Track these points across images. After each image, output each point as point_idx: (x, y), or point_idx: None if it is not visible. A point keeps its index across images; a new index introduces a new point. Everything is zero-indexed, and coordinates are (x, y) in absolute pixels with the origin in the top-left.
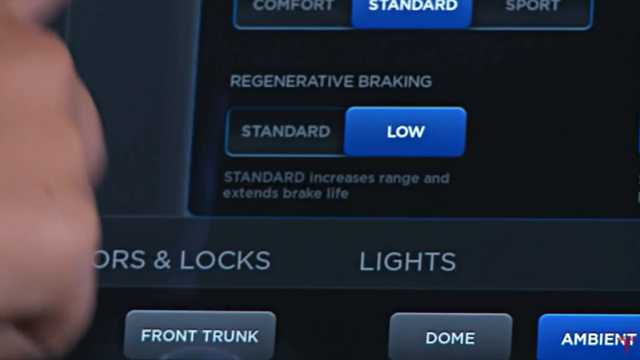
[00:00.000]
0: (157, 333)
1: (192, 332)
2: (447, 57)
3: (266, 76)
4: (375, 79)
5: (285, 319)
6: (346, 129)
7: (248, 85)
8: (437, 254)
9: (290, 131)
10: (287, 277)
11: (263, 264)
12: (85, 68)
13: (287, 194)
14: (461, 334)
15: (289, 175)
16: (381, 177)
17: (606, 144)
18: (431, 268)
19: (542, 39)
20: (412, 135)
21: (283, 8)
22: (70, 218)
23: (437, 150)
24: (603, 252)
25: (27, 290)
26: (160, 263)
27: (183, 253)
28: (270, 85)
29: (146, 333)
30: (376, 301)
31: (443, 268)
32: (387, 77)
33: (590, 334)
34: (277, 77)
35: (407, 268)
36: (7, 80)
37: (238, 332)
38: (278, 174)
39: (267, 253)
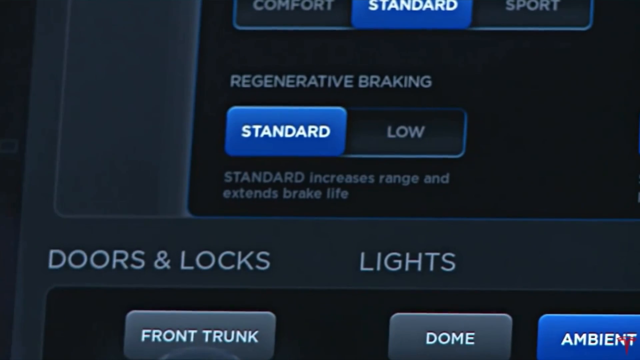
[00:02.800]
0: (157, 333)
1: (192, 332)
2: (447, 57)
3: (266, 76)
4: (375, 79)
5: (285, 319)
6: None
7: (248, 85)
8: (437, 254)
9: (290, 131)
10: (287, 277)
11: (263, 264)
12: (85, 68)
13: (287, 194)
14: (461, 334)
15: (289, 175)
16: (381, 177)
17: (606, 144)
18: (431, 268)
19: (542, 39)
20: (412, 135)
21: (283, 8)
22: None
23: (437, 150)
24: (603, 252)
25: None
26: (160, 263)
27: (183, 253)
28: (270, 85)
29: (146, 333)
30: (376, 301)
31: (443, 268)
32: (387, 77)
33: (590, 334)
34: (277, 77)
35: (407, 268)
36: None
37: (238, 332)
38: (278, 174)
39: (267, 253)
